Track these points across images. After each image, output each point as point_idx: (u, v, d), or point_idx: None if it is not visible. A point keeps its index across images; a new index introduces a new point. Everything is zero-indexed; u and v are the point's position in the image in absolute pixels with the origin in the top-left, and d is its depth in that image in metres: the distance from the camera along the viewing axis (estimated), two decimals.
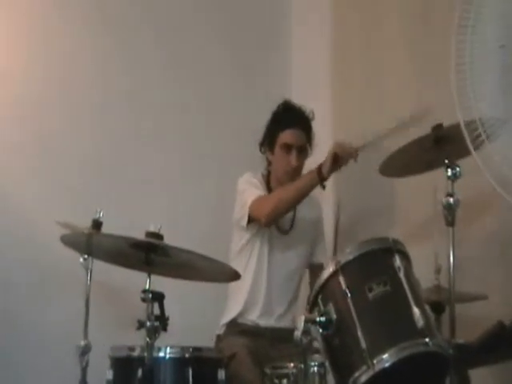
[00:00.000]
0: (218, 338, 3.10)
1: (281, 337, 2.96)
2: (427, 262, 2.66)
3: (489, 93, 2.08)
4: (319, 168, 2.92)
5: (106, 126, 3.50)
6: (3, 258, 3.17)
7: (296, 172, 3.12)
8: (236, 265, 2.81)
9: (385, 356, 2.10)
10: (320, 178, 2.91)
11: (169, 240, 2.43)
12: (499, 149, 2.09)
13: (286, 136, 3.12)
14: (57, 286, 3.21)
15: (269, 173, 3.22)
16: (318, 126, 3.19)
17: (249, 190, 3.09)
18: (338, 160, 2.89)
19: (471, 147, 2.07)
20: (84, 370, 2.76)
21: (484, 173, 2.09)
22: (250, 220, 3.05)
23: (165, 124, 3.65)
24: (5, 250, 3.17)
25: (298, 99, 3.25)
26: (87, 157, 3.42)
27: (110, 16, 3.55)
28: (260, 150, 3.23)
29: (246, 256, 3.12)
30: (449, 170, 2.35)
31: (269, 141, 3.18)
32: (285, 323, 3.07)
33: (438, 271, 2.65)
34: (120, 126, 3.53)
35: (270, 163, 3.22)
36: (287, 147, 3.12)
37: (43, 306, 3.19)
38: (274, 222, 3.06)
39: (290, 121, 3.14)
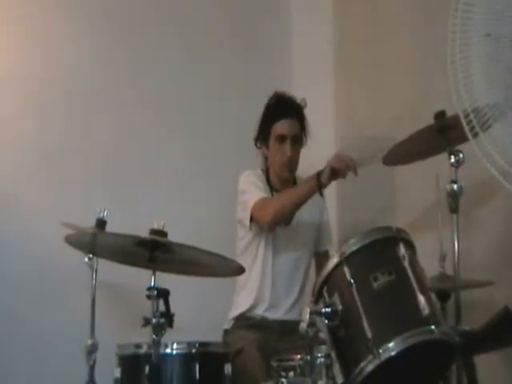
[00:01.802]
0: (226, 332, 3.10)
1: (289, 329, 2.96)
2: (432, 250, 2.65)
3: (477, 83, 2.08)
4: (318, 176, 2.90)
5: (110, 125, 3.49)
6: (8, 258, 3.16)
7: (292, 163, 3.13)
8: (243, 261, 2.83)
9: (391, 345, 2.10)
10: (319, 185, 2.91)
11: (173, 237, 2.44)
12: (491, 138, 2.08)
13: (279, 127, 3.11)
14: (63, 286, 3.20)
15: (267, 168, 3.22)
16: (319, 118, 3.18)
17: (250, 191, 3.09)
18: (336, 173, 2.88)
19: (470, 137, 2.06)
20: (91, 369, 2.76)
21: (484, 162, 2.08)
22: (252, 220, 3.06)
23: (167, 122, 3.63)
24: (9, 251, 3.17)
25: (299, 91, 3.23)
26: (91, 156, 3.41)
27: (113, 10, 3.54)
28: (255, 145, 3.22)
29: (253, 252, 3.12)
30: (452, 156, 2.34)
31: (263, 135, 3.17)
32: (293, 316, 3.07)
33: (442, 259, 2.64)
34: (123, 124, 3.52)
35: (266, 158, 3.21)
36: (281, 138, 3.11)
37: (49, 307, 3.19)
38: (276, 227, 3.06)
39: (281, 111, 3.13)
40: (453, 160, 2.34)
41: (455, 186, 2.35)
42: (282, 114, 3.12)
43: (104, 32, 3.52)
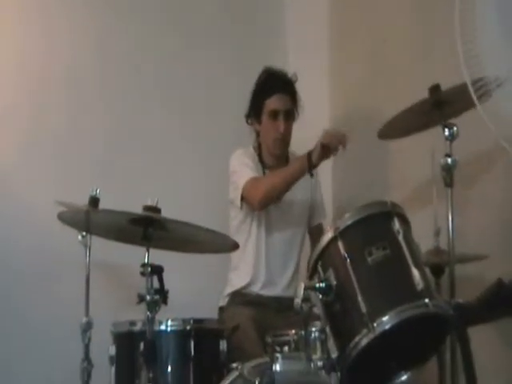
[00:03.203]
0: (221, 309, 3.10)
1: (285, 306, 2.97)
2: (426, 224, 2.65)
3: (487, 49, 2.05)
4: (309, 155, 2.89)
5: (104, 103, 3.49)
6: (2, 238, 3.17)
7: (285, 138, 3.12)
8: (237, 240, 2.79)
9: (385, 319, 2.10)
10: (309, 165, 2.89)
11: (167, 215, 2.42)
12: (493, 106, 2.06)
13: (272, 102, 3.10)
14: (57, 265, 3.21)
15: (259, 145, 3.20)
16: (314, 93, 3.17)
17: (240, 170, 3.08)
18: (327, 150, 2.86)
19: (478, 105, 2.03)
20: (87, 347, 2.78)
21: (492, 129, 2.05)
22: (243, 200, 3.05)
23: (164, 102, 3.63)
24: (2, 230, 3.17)
25: (294, 65, 3.21)
26: (85, 134, 3.42)
27: None
28: (247, 122, 3.21)
29: (246, 231, 3.12)
30: (446, 129, 2.33)
31: (255, 111, 3.16)
32: (289, 293, 3.07)
33: (437, 233, 2.63)
34: (117, 101, 3.52)
35: (258, 134, 3.20)
36: (274, 114, 3.10)
37: (43, 285, 3.20)
38: (266, 207, 3.05)
39: (273, 87, 3.12)
40: (447, 133, 2.33)
41: (449, 160, 2.34)
42: (274, 90, 3.10)
43: (103, 17, 3.52)
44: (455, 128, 2.35)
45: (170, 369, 2.59)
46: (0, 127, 3.24)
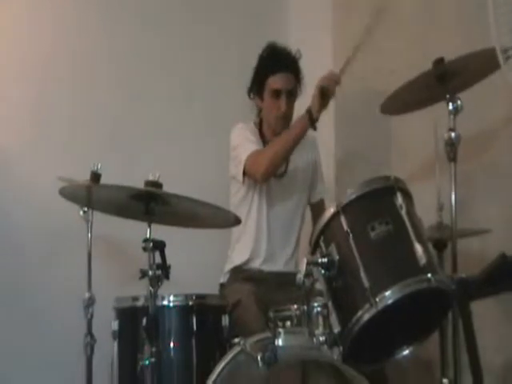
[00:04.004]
0: (222, 286, 3.10)
1: (286, 281, 2.96)
2: (429, 200, 2.64)
3: None
4: (309, 111, 2.86)
5: (105, 78, 3.46)
6: (5, 214, 3.16)
7: (287, 117, 3.09)
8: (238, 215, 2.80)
9: (387, 293, 2.10)
10: (311, 120, 2.87)
11: (168, 190, 2.41)
12: None
13: (275, 81, 3.06)
14: (58, 240, 3.21)
15: (260, 120, 3.18)
16: (317, 65, 3.13)
17: (242, 145, 3.05)
18: (325, 93, 2.83)
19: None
20: (89, 322, 2.79)
21: None
22: (246, 174, 3.04)
23: (166, 76, 3.60)
24: (3, 206, 3.16)
25: (295, 40, 3.18)
26: (85, 109, 3.39)
27: None
28: (249, 96, 3.18)
29: (247, 206, 3.10)
30: (450, 103, 2.31)
31: (257, 87, 3.12)
32: (290, 268, 3.08)
33: (440, 208, 2.62)
34: (117, 76, 3.49)
35: (260, 110, 3.17)
36: (276, 93, 3.06)
37: (45, 261, 3.20)
38: (270, 178, 3.03)
39: (276, 65, 3.07)
40: (451, 107, 2.31)
41: (453, 134, 2.33)
42: (278, 68, 3.06)
43: None
44: (459, 102, 2.33)
45: (172, 344, 2.60)
46: (1, 104, 3.22)
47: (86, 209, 2.77)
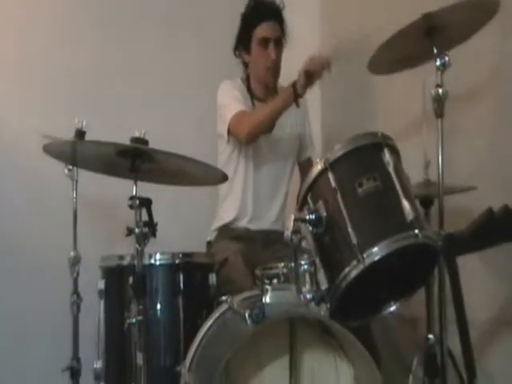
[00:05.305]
0: (209, 244, 3.11)
1: (272, 240, 2.98)
2: (416, 157, 2.63)
3: None
4: (294, 86, 2.84)
5: (90, 33, 3.44)
6: None
7: (276, 66, 3.08)
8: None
9: (375, 250, 2.10)
10: (295, 95, 2.85)
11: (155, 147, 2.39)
12: None
13: (262, 30, 3.06)
14: (43, 199, 3.19)
15: (247, 76, 3.16)
16: (305, 26, 3.12)
17: (228, 104, 3.04)
18: (311, 76, 2.81)
19: None
20: (75, 281, 2.79)
21: None
22: (230, 133, 3.02)
23: (149, 29, 3.58)
24: None
25: None
26: (69, 65, 3.37)
27: None
28: (234, 53, 3.16)
29: (234, 164, 3.10)
30: (437, 59, 2.29)
31: (244, 41, 3.11)
32: (277, 226, 3.08)
33: (426, 166, 2.62)
34: (107, 35, 3.47)
35: (246, 66, 3.15)
36: (264, 41, 3.05)
37: (30, 220, 3.19)
38: (253, 142, 3.02)
39: (261, 14, 3.07)
40: (438, 63, 2.29)
41: (440, 90, 2.30)
42: (263, 17, 3.06)
43: None
44: (447, 58, 2.30)
45: (159, 303, 2.61)
46: None
47: (71, 167, 2.75)
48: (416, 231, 2.12)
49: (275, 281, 2.34)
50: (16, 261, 3.14)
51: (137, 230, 2.29)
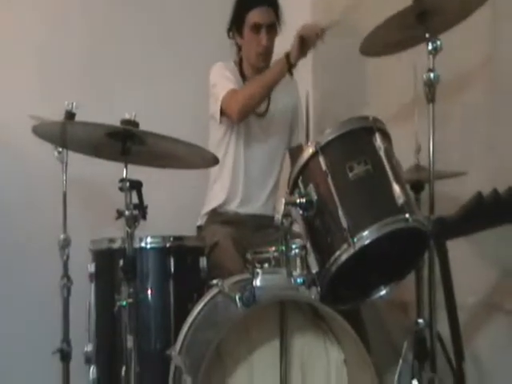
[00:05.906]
0: (199, 228, 3.10)
1: (263, 224, 2.97)
2: (407, 142, 2.63)
3: None
4: (287, 56, 2.83)
5: (80, 15, 3.41)
6: None
7: (267, 52, 3.06)
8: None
9: (365, 233, 2.11)
10: (288, 65, 2.84)
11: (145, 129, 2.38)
12: None
13: (254, 15, 3.04)
14: (33, 182, 3.18)
15: (240, 59, 3.14)
16: (296, 7, 3.09)
17: (220, 83, 3.02)
18: (305, 43, 2.80)
19: None
20: (65, 264, 2.77)
21: None
22: (223, 114, 3.00)
23: (140, 12, 3.56)
24: None
25: None
26: (60, 48, 3.35)
27: None
28: (228, 36, 3.15)
29: (224, 146, 3.09)
30: (429, 43, 2.28)
31: (237, 24, 3.09)
32: (267, 210, 3.07)
33: (417, 151, 2.63)
34: (93, 15, 3.44)
35: (240, 48, 3.14)
36: (256, 27, 3.03)
37: (19, 202, 3.17)
38: (246, 118, 3.01)
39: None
40: (430, 47, 2.28)
41: (432, 75, 2.30)
42: (256, 2, 3.04)
43: None
44: (439, 42, 2.29)
45: (150, 286, 2.61)
46: None
47: (60, 149, 2.72)
48: (406, 215, 2.13)
49: (266, 265, 2.35)
50: (4, 244, 3.12)
51: (127, 213, 2.28)
